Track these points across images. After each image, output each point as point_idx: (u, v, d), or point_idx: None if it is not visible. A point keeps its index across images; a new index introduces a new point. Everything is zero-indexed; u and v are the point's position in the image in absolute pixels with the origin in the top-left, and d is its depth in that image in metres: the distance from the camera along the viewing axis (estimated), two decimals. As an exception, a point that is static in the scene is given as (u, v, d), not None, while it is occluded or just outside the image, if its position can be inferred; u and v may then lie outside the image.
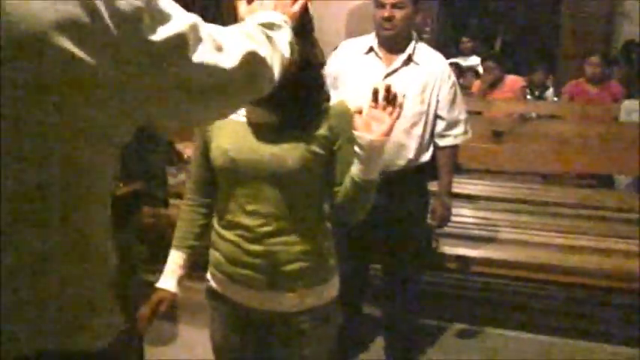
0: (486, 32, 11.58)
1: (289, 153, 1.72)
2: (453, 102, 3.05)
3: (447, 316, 3.87)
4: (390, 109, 1.70)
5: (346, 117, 1.76)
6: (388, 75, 3.00)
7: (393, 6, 2.92)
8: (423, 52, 3.05)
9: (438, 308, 3.90)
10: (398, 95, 1.71)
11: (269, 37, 1.26)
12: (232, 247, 1.81)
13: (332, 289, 1.90)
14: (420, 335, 3.44)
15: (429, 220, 3.18)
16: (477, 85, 6.84)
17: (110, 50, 0.89)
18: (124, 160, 2.79)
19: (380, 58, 3.03)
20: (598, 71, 6.21)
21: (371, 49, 3.05)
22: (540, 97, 7.34)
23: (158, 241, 4.25)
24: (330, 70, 3.14)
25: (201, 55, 1.03)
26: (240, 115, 1.77)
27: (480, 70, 7.12)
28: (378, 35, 3.03)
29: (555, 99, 7.21)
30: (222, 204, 1.84)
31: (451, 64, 8.34)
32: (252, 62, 1.15)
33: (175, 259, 1.91)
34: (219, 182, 1.85)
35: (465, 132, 3.11)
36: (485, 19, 11.90)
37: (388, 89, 1.71)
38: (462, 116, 3.09)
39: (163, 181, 3.14)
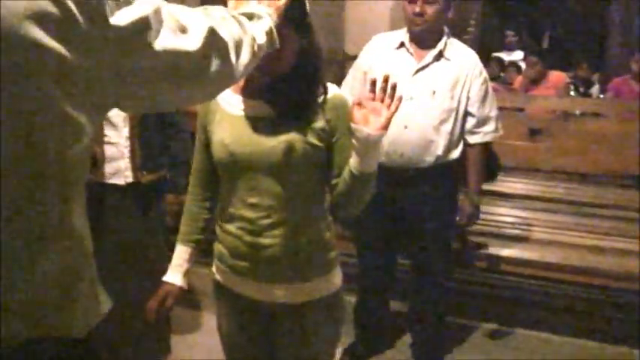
0: (533, 27, 11.40)
1: (287, 145, 1.71)
2: (484, 99, 3.00)
3: (476, 315, 3.82)
4: (388, 101, 1.68)
5: (344, 109, 1.76)
6: (419, 70, 2.97)
7: (425, 1, 2.89)
8: (454, 47, 3.01)
9: (468, 307, 3.85)
10: (396, 87, 1.69)
11: (239, 22, 1.25)
12: (235, 239, 1.83)
13: (335, 279, 1.91)
14: (448, 334, 3.41)
15: (457, 218, 3.13)
16: (519, 80, 6.71)
17: (78, 39, 0.90)
18: (147, 149, 2.83)
19: (411, 53, 3.00)
20: (645, 68, 6.05)
21: (402, 45, 3.02)
22: (585, 94, 7.18)
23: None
24: (360, 64, 3.13)
25: (165, 38, 1.03)
26: (239, 109, 1.78)
27: (523, 65, 6.99)
28: (409, 30, 3.00)
29: (601, 96, 7.05)
30: (224, 197, 1.85)
31: (494, 58, 8.30)
32: (214, 42, 1.14)
33: (181, 254, 1.94)
34: (221, 176, 1.86)
35: (496, 129, 3.06)
36: (532, 13, 11.70)
37: (386, 80, 1.69)
38: (493, 113, 3.04)
39: (186, 169, 3.17)
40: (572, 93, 6.90)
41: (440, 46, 2.96)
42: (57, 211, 0.97)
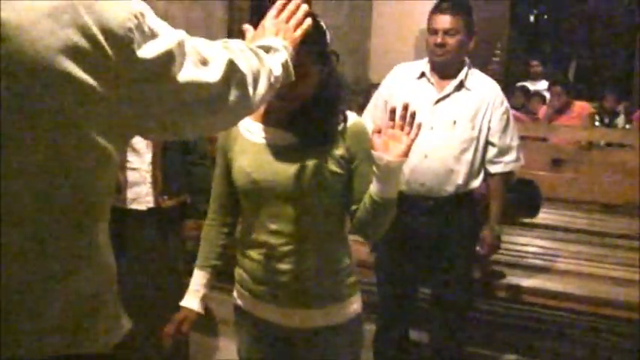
0: (559, 57, 11.39)
1: (308, 173, 1.75)
2: (505, 128, 3.00)
3: (498, 346, 3.78)
4: (407, 128, 1.71)
5: (363, 136, 1.80)
6: (439, 100, 2.98)
7: (446, 32, 2.91)
8: (475, 78, 3.02)
9: (489, 337, 3.82)
10: (415, 115, 1.73)
11: (257, 54, 1.30)
12: (256, 265, 1.86)
13: (355, 305, 1.92)
14: (468, 364, 3.38)
15: (477, 248, 3.12)
16: (543, 110, 6.70)
17: (106, 71, 0.95)
18: (168, 174, 2.88)
19: (432, 83, 3.02)
20: (670, 99, 6.01)
21: (423, 74, 3.04)
22: (611, 124, 7.15)
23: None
24: (382, 93, 3.16)
25: (188, 70, 1.08)
26: (260, 137, 1.81)
27: (547, 95, 6.98)
28: (430, 61, 3.03)
29: (627, 126, 7.00)
30: (246, 223, 1.89)
31: (519, 87, 8.30)
32: (233, 74, 1.19)
33: (198, 279, 1.97)
34: (242, 202, 1.89)
35: (517, 159, 3.05)
36: (558, 43, 11.70)
37: (406, 107, 1.72)
38: (514, 143, 3.04)
39: (206, 195, 3.23)
40: (597, 123, 6.87)
41: (461, 76, 2.98)
42: (85, 236, 1.02)
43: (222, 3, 6.89)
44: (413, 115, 1.73)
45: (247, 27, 1.62)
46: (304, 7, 1.59)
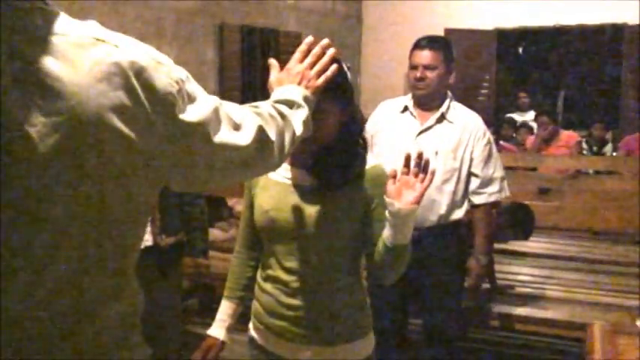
0: (547, 87, 11.56)
1: (327, 215, 1.79)
2: (487, 160, 3.07)
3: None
4: (421, 176, 1.74)
5: (381, 180, 1.81)
6: (422, 132, 3.06)
7: (426, 67, 3.02)
8: (457, 111, 3.11)
9: (482, 366, 3.85)
10: (429, 162, 1.75)
11: (282, 115, 1.39)
12: (271, 299, 1.89)
13: (368, 345, 1.94)
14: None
15: (465, 279, 3.18)
16: (530, 140, 6.82)
17: (149, 129, 1.05)
18: (167, 214, 2.95)
19: (414, 116, 3.10)
20: (655, 126, 6.13)
21: (406, 108, 3.14)
22: (599, 152, 7.25)
23: (205, 292, 4.43)
24: (368, 129, 3.24)
25: (222, 134, 1.19)
26: (283, 177, 1.86)
27: (534, 125, 7.10)
28: (412, 95, 3.13)
29: (615, 154, 7.11)
30: (264, 258, 1.94)
31: (507, 119, 8.43)
32: (263, 139, 1.29)
33: (225, 309, 2.02)
34: (261, 238, 1.94)
35: (500, 190, 3.11)
36: (545, 74, 11.88)
37: (420, 156, 1.75)
38: (498, 174, 3.11)
39: (203, 233, 3.29)
40: (585, 152, 6.98)
41: (442, 109, 3.07)
42: (120, 272, 1.12)
43: (213, 45, 7.04)
44: (427, 163, 1.75)
45: (273, 63, 1.65)
46: (330, 52, 1.63)
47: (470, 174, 3.06)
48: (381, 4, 9.60)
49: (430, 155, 2.98)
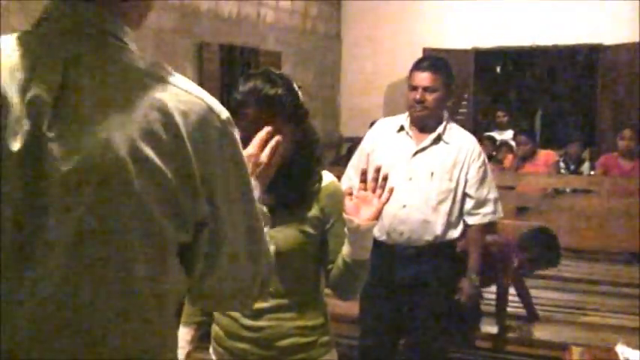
0: (525, 106, 11.66)
1: (283, 234, 1.77)
2: (482, 181, 3.09)
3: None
4: (379, 191, 1.74)
5: (337, 197, 1.82)
6: (417, 152, 3.08)
7: (425, 89, 3.03)
8: (453, 132, 3.13)
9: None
10: (388, 177, 1.76)
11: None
12: (231, 322, 1.87)
13: None
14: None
15: (457, 297, 3.17)
16: (509, 159, 6.86)
17: (178, 163, 1.00)
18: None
19: (410, 136, 3.12)
20: (631, 145, 6.20)
21: (402, 128, 3.14)
22: (576, 171, 7.31)
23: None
24: (364, 147, 3.25)
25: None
26: None
27: (513, 144, 7.15)
28: (409, 115, 3.13)
29: (592, 172, 7.17)
30: None
31: (486, 137, 8.47)
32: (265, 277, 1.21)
33: (183, 335, 1.99)
34: None
35: (494, 212, 3.13)
36: (523, 93, 11.99)
37: (378, 170, 1.75)
38: (492, 195, 3.12)
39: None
40: (562, 170, 7.03)
41: (439, 130, 3.08)
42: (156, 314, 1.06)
43: (192, 64, 7.02)
44: (385, 178, 1.75)
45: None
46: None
47: (465, 195, 3.07)
48: (361, 23, 9.65)
49: (426, 176, 3.02)
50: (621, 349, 2.33)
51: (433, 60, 3.16)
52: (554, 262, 3.64)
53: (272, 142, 1.50)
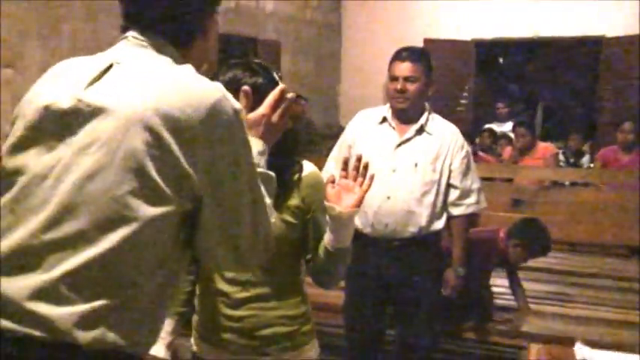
0: (527, 98, 11.60)
1: None
2: (465, 172, 3.07)
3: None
4: (360, 179, 1.74)
5: (318, 187, 1.82)
6: (401, 144, 3.05)
7: (406, 79, 2.99)
8: (436, 122, 3.10)
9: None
10: (368, 166, 1.75)
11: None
12: (212, 312, 1.87)
13: (311, 353, 1.94)
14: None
15: (442, 290, 3.16)
16: (507, 151, 6.82)
17: (196, 150, 1.20)
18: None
19: (393, 127, 3.08)
20: (630, 138, 6.16)
21: (384, 119, 3.11)
22: (576, 164, 7.28)
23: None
24: (345, 139, 3.22)
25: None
26: None
27: (512, 136, 7.11)
28: (391, 106, 3.09)
29: (592, 165, 7.14)
30: (204, 271, 1.91)
31: (486, 129, 8.44)
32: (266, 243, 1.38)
33: (165, 327, 1.96)
34: None
35: (478, 202, 3.12)
36: (524, 84, 11.93)
37: (359, 159, 1.75)
38: (475, 186, 3.10)
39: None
40: (562, 163, 7.00)
41: (421, 121, 3.05)
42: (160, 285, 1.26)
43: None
44: (366, 166, 1.75)
45: (247, 90, 1.58)
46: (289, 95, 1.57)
47: (448, 185, 3.04)
48: (361, 13, 9.60)
49: (410, 168, 3.00)
50: (579, 347, 2.31)
51: (413, 50, 3.12)
52: (544, 253, 3.61)
53: (284, 102, 1.53)
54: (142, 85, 1.20)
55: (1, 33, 4.53)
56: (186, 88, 1.21)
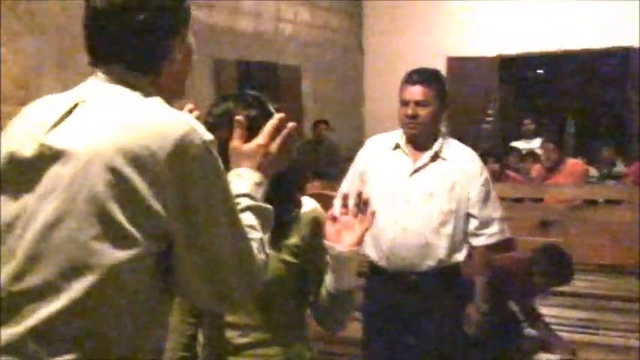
0: (553, 112, 11.43)
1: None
2: (485, 200, 2.91)
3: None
4: (361, 216, 1.66)
5: (318, 224, 1.73)
6: (415, 172, 2.91)
7: (417, 104, 2.85)
8: (452, 147, 2.95)
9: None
10: (369, 202, 1.67)
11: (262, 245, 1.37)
12: (214, 357, 1.79)
13: None
14: None
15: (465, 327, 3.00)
16: (536, 169, 6.63)
17: (152, 179, 1.14)
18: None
19: (406, 154, 2.95)
20: (662, 152, 5.97)
21: (397, 146, 2.98)
22: (609, 174, 7.10)
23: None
24: (357, 167, 3.09)
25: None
26: None
27: (540, 152, 6.93)
28: (404, 132, 2.97)
29: (624, 168, 6.99)
30: (204, 316, 1.84)
31: (512, 148, 8.28)
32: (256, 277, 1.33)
33: None
34: None
35: (501, 231, 2.95)
36: (551, 98, 11.75)
37: (359, 195, 1.67)
38: (497, 214, 2.94)
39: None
40: (593, 178, 6.83)
41: (436, 146, 2.91)
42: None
43: (209, 80, 6.98)
44: (366, 203, 1.67)
45: (240, 119, 1.52)
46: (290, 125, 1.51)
47: (468, 215, 2.89)
48: (382, 34, 9.54)
49: (425, 197, 2.86)
50: None
51: (424, 71, 2.96)
52: (565, 281, 3.45)
53: (284, 132, 1.46)
54: (105, 124, 1.17)
55: (17, 70, 4.55)
56: (150, 123, 1.17)
